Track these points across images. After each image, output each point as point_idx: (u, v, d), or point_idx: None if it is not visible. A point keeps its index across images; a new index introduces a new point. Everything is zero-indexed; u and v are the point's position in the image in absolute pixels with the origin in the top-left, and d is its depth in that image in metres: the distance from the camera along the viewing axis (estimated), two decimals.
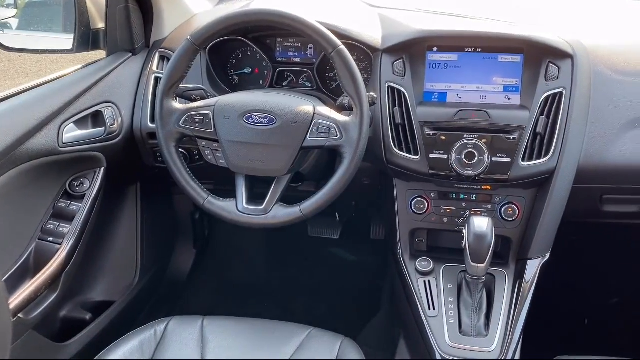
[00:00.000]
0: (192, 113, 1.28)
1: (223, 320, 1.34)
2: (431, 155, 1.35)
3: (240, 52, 1.61)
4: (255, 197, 1.31)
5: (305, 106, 1.25)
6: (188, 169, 1.31)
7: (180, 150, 1.39)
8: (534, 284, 1.37)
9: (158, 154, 1.55)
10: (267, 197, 1.27)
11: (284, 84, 1.58)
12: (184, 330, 1.29)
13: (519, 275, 1.39)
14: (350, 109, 1.25)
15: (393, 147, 1.37)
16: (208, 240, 2.29)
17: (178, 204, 2.07)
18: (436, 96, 1.41)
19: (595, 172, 1.37)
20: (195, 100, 1.35)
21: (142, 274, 1.84)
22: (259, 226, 1.27)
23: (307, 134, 1.23)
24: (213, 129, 1.26)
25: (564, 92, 1.32)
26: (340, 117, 1.24)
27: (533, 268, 1.39)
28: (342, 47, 1.21)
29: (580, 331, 1.95)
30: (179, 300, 2.12)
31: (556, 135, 1.32)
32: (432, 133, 1.35)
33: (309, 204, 1.25)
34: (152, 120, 1.49)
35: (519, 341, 1.31)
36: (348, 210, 2.11)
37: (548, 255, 1.41)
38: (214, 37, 1.26)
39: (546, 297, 1.44)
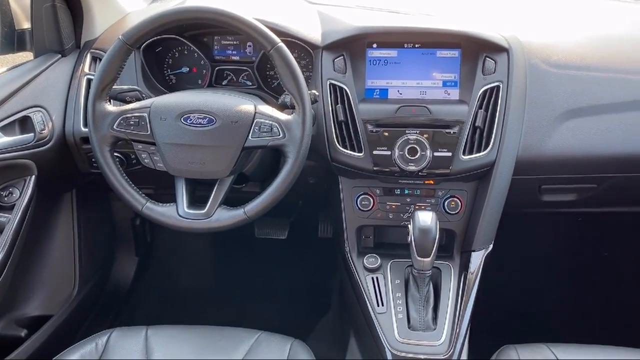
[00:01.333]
0: (126, 115, 1.22)
1: (168, 329, 1.29)
2: (375, 152, 1.35)
3: (177, 51, 1.56)
4: (197, 200, 1.27)
5: (246, 105, 1.22)
6: (124, 174, 1.25)
7: (116, 154, 1.34)
8: (479, 275, 1.39)
9: (93, 160, 1.48)
10: (210, 200, 1.24)
11: (223, 83, 1.55)
12: (127, 341, 1.24)
13: (464, 267, 1.41)
14: (292, 107, 1.24)
15: (337, 144, 1.36)
16: (151, 246, 2.22)
17: (117, 210, 2.00)
18: (377, 93, 1.41)
19: (533, 163, 1.41)
20: (130, 102, 1.29)
21: (81, 285, 1.76)
22: (202, 231, 1.23)
23: (248, 133, 1.20)
24: (149, 132, 1.21)
25: (501, 85, 1.35)
26: (283, 116, 1.22)
27: (477, 259, 1.41)
28: (281, 44, 1.19)
29: (525, 320, 2.01)
30: (122, 311, 2.05)
31: (495, 128, 1.34)
32: (374, 130, 1.35)
33: (254, 206, 1.22)
34: (85, 124, 1.43)
35: (466, 332, 1.32)
36: (295, 209, 2.09)
37: (491, 246, 1.43)
38: (146, 36, 1.21)
39: (491, 287, 1.47)
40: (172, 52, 1.56)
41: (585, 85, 1.43)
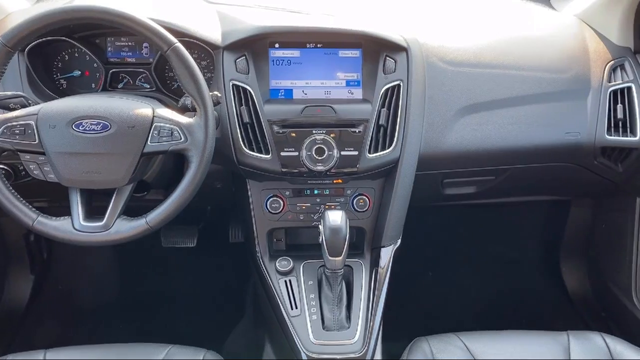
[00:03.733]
0: (10, 124, 1.13)
1: (70, 350, 1.21)
2: (282, 153, 1.34)
3: (67, 53, 1.46)
4: (95, 212, 1.20)
5: (143, 109, 1.16)
6: (11, 188, 1.16)
7: (1, 166, 1.23)
8: (389, 270, 1.42)
9: None
10: (108, 211, 1.17)
11: (119, 87, 1.47)
12: None
13: (375, 264, 1.43)
14: (193, 109, 1.20)
15: (243, 147, 1.33)
16: (49, 263, 2.07)
17: (7, 226, 1.85)
18: (282, 93, 1.40)
19: (435, 158, 1.45)
20: (14, 109, 1.19)
21: None
22: (101, 244, 1.16)
23: (147, 138, 1.14)
24: (37, 140, 1.13)
25: (401, 84, 1.38)
26: (183, 119, 1.17)
27: (387, 255, 1.44)
28: (178, 44, 1.15)
29: (436, 311, 2.08)
30: (17, 333, 1.89)
31: (397, 126, 1.37)
32: (281, 130, 1.34)
33: (156, 215, 1.16)
34: None
35: (379, 328, 1.34)
36: (203, 215, 2.03)
37: (399, 241, 1.46)
38: (29, 37, 1.13)
39: (402, 281, 1.50)
40: (61, 54, 1.46)
41: (480, 82, 1.49)
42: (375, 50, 1.39)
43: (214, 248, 2.16)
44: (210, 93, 1.19)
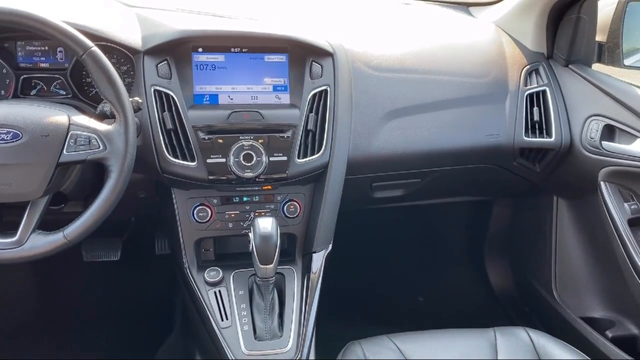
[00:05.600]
0: None
1: None
2: (209, 160, 1.30)
3: None
4: (6, 227, 1.12)
5: (58, 116, 1.10)
6: None
7: None
8: (321, 276, 1.41)
9: None
10: (21, 226, 1.09)
11: (32, 93, 1.38)
12: None
13: (307, 270, 1.42)
14: (112, 116, 1.14)
15: (167, 154, 1.29)
16: None
17: None
18: (207, 98, 1.36)
19: (363, 162, 1.46)
20: None
21: None
22: (14, 261, 1.08)
23: (63, 147, 1.08)
24: None
25: (328, 89, 1.38)
26: (102, 126, 1.11)
27: (318, 260, 1.43)
28: (95, 48, 1.09)
29: (369, 314, 2.09)
30: None
31: (326, 131, 1.37)
32: (207, 137, 1.30)
33: (74, 228, 1.10)
34: None
35: (312, 335, 1.33)
36: (127, 227, 1.95)
37: (330, 246, 1.46)
38: None
39: (334, 286, 1.49)
40: None
41: (404, 87, 1.52)
42: (302, 56, 1.39)
43: (139, 261, 2.08)
44: (131, 99, 1.14)
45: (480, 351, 1.26)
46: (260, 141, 1.32)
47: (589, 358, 1.25)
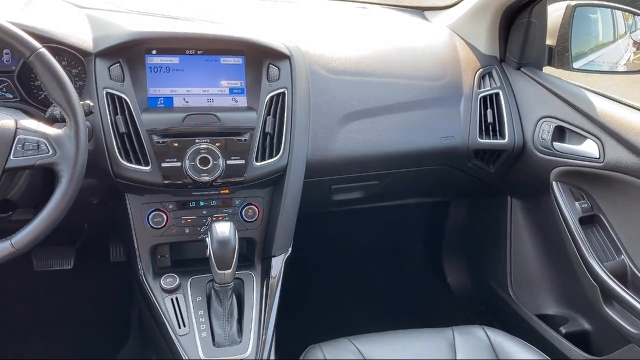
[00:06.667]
0: None
1: None
2: (163, 164, 1.27)
3: None
4: None
5: (4, 120, 1.05)
6: None
7: None
8: (280, 280, 1.40)
9: None
10: None
11: None
12: None
13: (266, 274, 1.41)
14: (62, 120, 1.10)
15: (120, 158, 1.25)
16: None
17: None
18: (162, 101, 1.33)
19: (322, 165, 1.46)
20: None
21: None
22: None
23: (9, 153, 1.04)
24: None
25: (285, 91, 1.37)
26: (51, 130, 1.08)
27: (278, 264, 1.42)
28: (43, 50, 1.06)
29: (329, 317, 2.09)
30: None
31: (284, 134, 1.36)
32: (161, 140, 1.27)
33: (23, 236, 1.06)
34: None
35: (272, 340, 1.32)
36: (80, 234, 1.89)
37: (290, 249, 1.45)
38: None
39: (293, 290, 1.49)
40: None
41: (360, 90, 1.53)
42: (258, 58, 1.38)
43: (93, 269, 2.02)
44: (82, 102, 1.11)
45: (439, 351, 1.27)
46: (217, 144, 1.30)
47: (544, 354, 1.28)
